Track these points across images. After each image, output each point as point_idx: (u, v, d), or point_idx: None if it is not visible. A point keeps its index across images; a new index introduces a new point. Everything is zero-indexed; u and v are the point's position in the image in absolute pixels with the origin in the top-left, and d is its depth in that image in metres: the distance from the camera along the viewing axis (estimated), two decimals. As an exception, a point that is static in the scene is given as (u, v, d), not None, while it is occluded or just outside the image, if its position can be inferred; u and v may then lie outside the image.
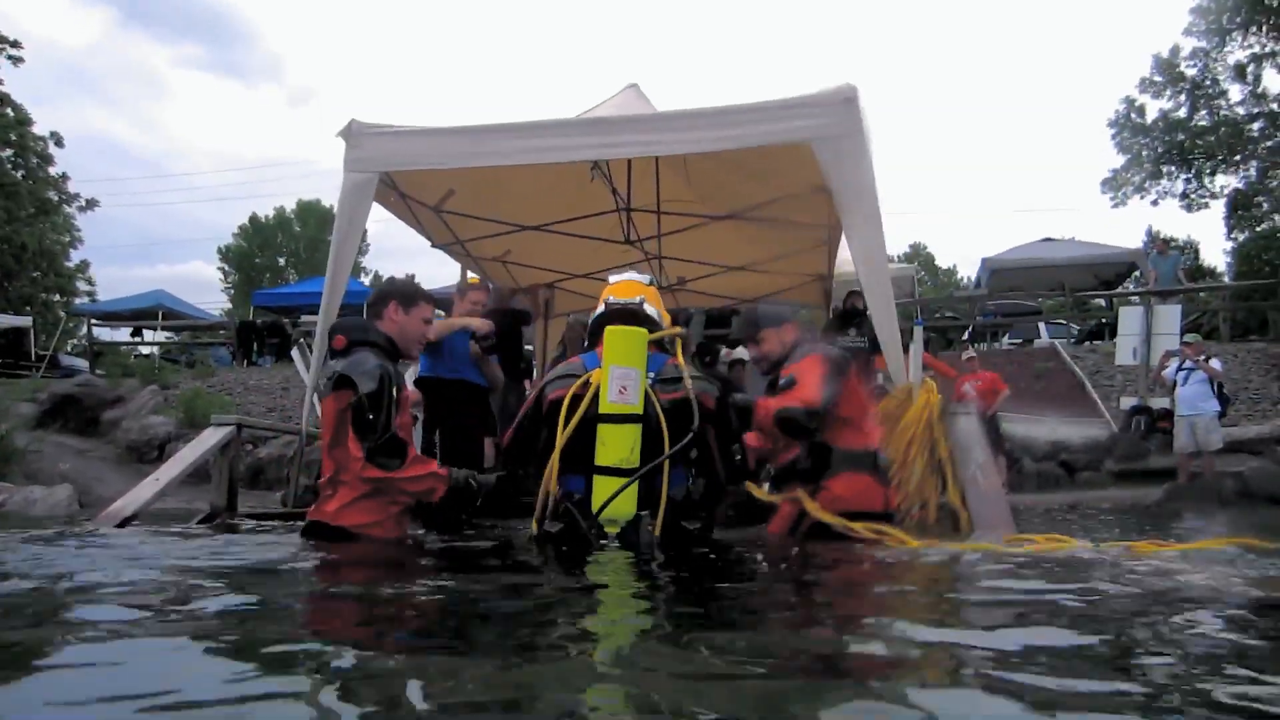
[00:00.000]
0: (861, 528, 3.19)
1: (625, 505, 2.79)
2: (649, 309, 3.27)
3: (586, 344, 3.36)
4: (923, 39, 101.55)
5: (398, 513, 3.17)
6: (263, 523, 4.86)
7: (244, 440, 8.23)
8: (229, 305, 38.61)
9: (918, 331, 4.75)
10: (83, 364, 20.00)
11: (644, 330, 3.03)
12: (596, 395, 2.92)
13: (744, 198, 6.18)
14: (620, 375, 2.86)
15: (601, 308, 3.29)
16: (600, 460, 2.83)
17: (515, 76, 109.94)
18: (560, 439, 2.89)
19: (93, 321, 22.73)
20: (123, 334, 23.59)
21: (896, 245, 49.26)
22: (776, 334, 3.69)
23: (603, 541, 2.80)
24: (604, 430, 2.85)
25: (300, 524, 3.34)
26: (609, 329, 2.99)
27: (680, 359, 3.14)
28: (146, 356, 21.08)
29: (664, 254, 7.39)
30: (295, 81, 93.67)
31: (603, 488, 2.80)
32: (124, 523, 4.24)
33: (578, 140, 4.63)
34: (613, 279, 3.43)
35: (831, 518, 3.27)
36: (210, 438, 4.99)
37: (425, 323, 3.43)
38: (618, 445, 2.83)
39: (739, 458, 3.05)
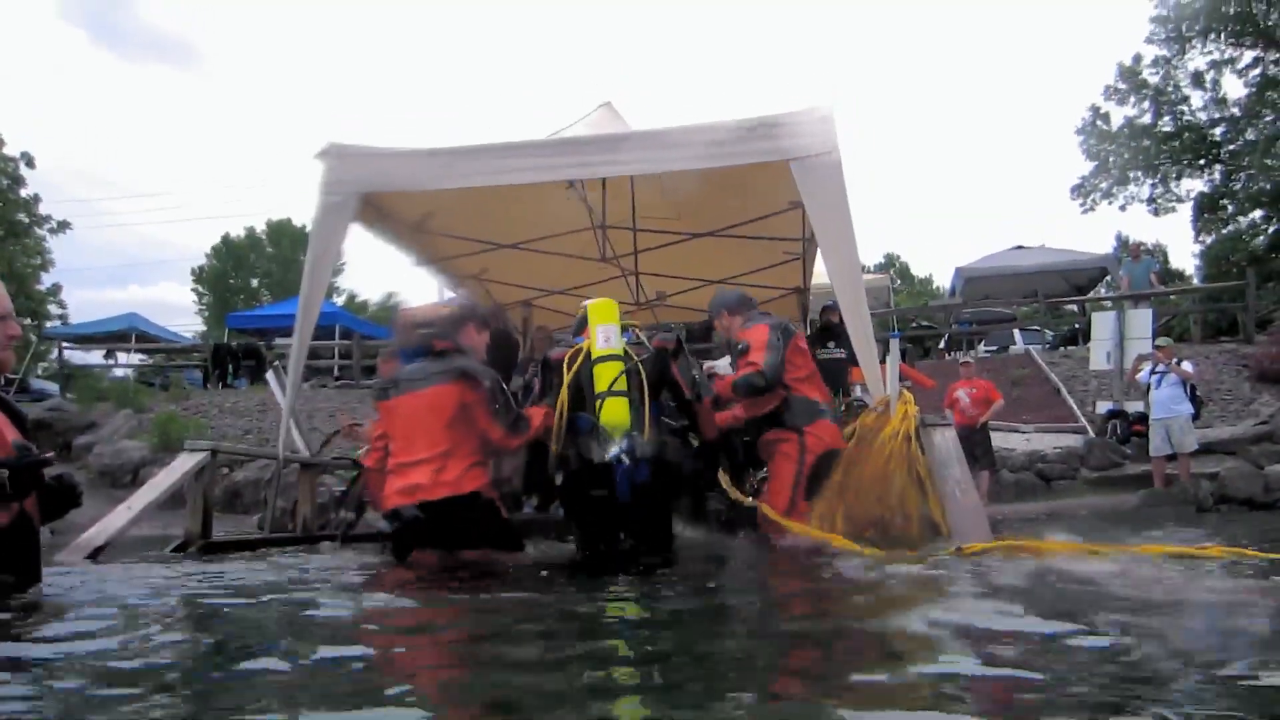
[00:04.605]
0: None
1: (622, 415, 3.57)
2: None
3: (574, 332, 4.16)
4: (897, 50, 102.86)
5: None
6: (240, 551, 4.80)
7: (219, 464, 8.12)
8: (203, 327, 38.13)
9: (894, 344, 4.79)
10: (54, 388, 19.67)
11: (614, 302, 3.91)
12: (589, 353, 3.75)
13: (720, 213, 6.20)
14: (604, 330, 3.74)
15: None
16: (599, 389, 3.65)
17: (489, 95, 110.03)
18: (567, 378, 3.72)
19: (64, 345, 22.37)
20: (95, 357, 23.23)
21: (871, 255, 49.51)
22: (719, 321, 4.64)
23: (609, 446, 3.50)
24: (598, 368, 3.68)
25: (275, 549, 3.36)
26: (589, 303, 3.89)
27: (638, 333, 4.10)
28: (120, 379, 20.76)
29: (641, 270, 7.40)
30: (262, 100, 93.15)
31: (608, 405, 3.60)
32: (96, 552, 4.16)
33: (555, 160, 4.64)
34: (587, 301, 4.06)
35: (802, 529, 3.91)
36: (184, 464, 4.91)
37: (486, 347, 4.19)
38: (609, 376, 3.66)
39: (698, 377, 4.00)
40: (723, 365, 7.91)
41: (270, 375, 7.95)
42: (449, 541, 3.60)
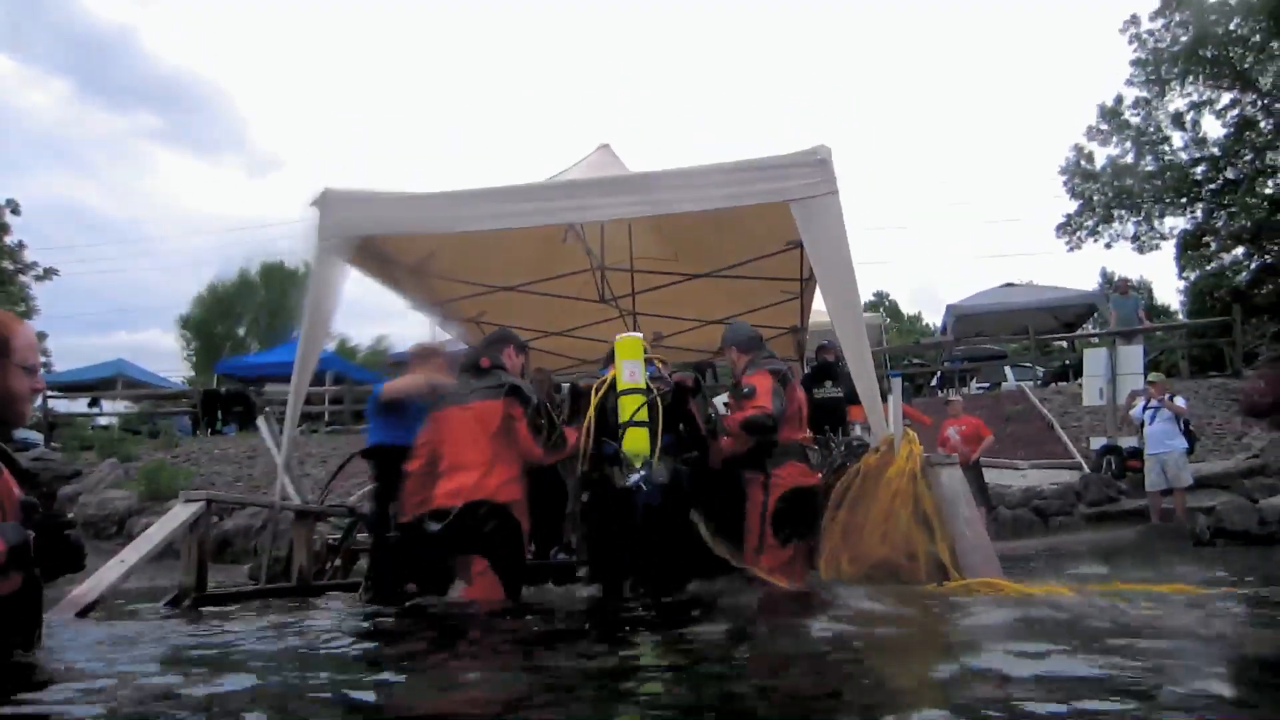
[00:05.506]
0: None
1: (641, 444, 3.89)
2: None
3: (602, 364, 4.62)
4: (886, 92, 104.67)
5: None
6: (236, 603, 4.70)
7: (211, 513, 7.99)
8: (191, 373, 37.77)
9: (896, 383, 4.79)
10: (38, 437, 19.40)
11: (640, 339, 4.25)
12: (613, 383, 4.12)
13: (718, 253, 6.23)
14: (629, 365, 4.08)
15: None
16: (623, 419, 3.99)
17: (486, 138, 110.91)
18: (593, 401, 4.12)
19: (49, 393, 22.10)
20: (80, 404, 22.96)
21: (862, 294, 49.71)
22: (728, 354, 4.88)
23: (629, 473, 3.81)
24: (623, 400, 4.02)
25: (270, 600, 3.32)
26: (616, 340, 4.24)
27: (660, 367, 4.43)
28: (105, 428, 20.51)
29: (639, 310, 7.40)
30: (258, 148, 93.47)
31: (630, 435, 3.92)
32: (86, 609, 4.04)
33: (554, 204, 4.66)
34: (618, 337, 4.38)
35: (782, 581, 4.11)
36: (179, 515, 4.80)
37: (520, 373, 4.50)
38: (632, 408, 3.99)
39: (714, 415, 4.42)
40: (717, 404, 7.86)
41: (261, 421, 7.87)
42: (475, 544, 3.88)
